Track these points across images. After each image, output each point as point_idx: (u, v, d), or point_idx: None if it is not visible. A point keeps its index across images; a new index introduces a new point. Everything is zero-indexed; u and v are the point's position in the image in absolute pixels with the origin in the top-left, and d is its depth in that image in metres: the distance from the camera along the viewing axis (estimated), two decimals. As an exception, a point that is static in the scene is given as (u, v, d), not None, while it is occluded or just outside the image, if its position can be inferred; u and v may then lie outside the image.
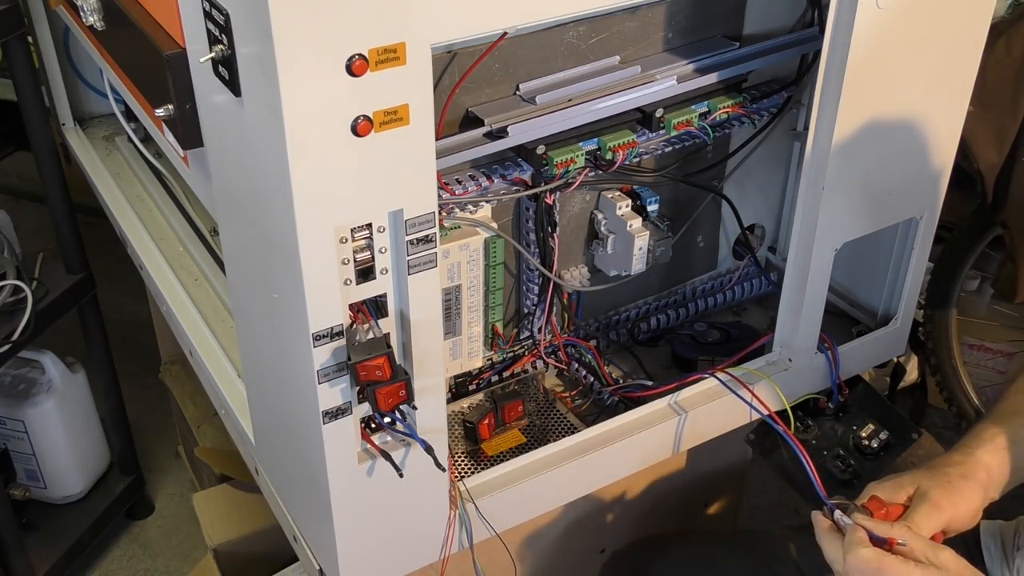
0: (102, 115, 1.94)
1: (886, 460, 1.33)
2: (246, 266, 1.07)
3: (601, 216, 1.26)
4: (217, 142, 1.02)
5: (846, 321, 1.43)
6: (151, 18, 1.08)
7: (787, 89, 1.27)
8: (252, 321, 1.12)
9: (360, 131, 0.84)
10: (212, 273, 1.54)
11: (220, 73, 0.90)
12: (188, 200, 1.67)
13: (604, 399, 1.30)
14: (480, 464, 1.21)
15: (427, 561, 1.13)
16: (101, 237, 2.08)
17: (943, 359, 1.96)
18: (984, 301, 2.05)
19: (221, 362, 1.38)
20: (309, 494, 1.10)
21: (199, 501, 1.75)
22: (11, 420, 1.93)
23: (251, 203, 0.98)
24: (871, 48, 1.08)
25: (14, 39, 1.61)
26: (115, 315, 2.25)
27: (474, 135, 1.08)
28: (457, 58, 1.05)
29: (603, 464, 1.21)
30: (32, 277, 1.78)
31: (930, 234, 1.32)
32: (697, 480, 1.57)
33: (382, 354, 0.93)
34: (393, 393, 0.96)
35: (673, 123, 1.17)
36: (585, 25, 1.12)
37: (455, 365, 1.24)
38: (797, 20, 1.27)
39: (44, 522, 2.02)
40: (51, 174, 1.76)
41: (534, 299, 1.26)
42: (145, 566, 2.10)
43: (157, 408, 2.32)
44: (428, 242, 0.94)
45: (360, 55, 0.81)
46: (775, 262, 1.48)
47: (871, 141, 1.16)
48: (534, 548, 1.40)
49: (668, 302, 1.43)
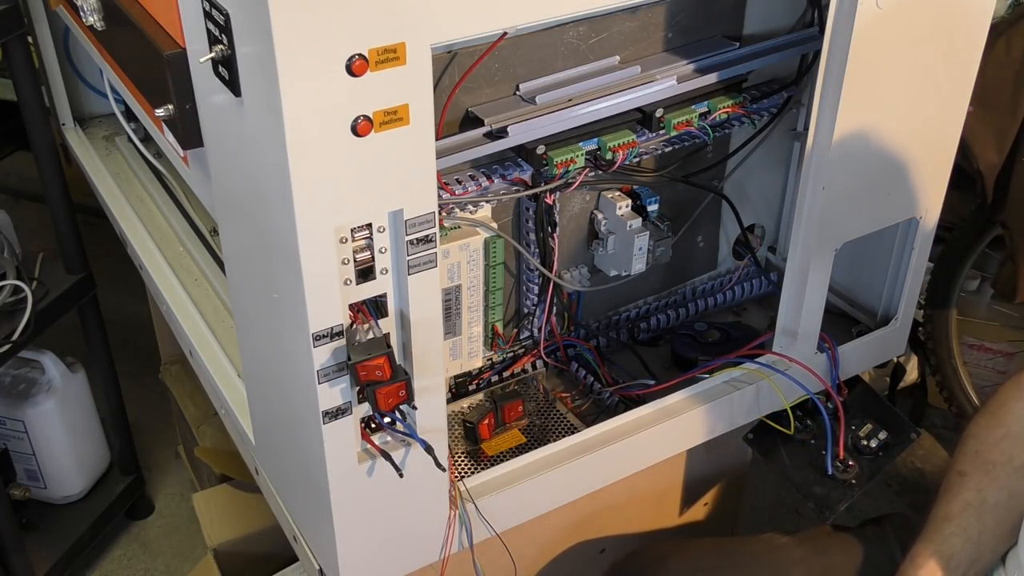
0: (102, 115, 1.94)
1: (886, 460, 1.33)
2: (246, 266, 1.07)
3: (601, 216, 1.26)
4: (217, 142, 1.02)
5: (846, 321, 1.43)
6: (151, 18, 1.08)
7: (787, 89, 1.27)
8: (252, 321, 1.12)
9: (360, 131, 0.84)
10: (212, 273, 1.53)
11: (220, 73, 0.90)
12: (188, 200, 1.67)
13: (604, 399, 1.30)
14: (480, 464, 1.21)
15: (427, 561, 1.13)
16: (101, 237, 2.07)
17: (943, 359, 1.96)
18: (984, 301, 2.05)
19: (221, 362, 1.38)
20: (309, 494, 1.10)
21: (199, 501, 1.75)
22: (11, 420, 1.93)
23: (251, 203, 0.98)
24: (871, 48, 1.08)
25: (14, 39, 1.61)
26: (115, 315, 2.25)
27: (474, 135, 1.08)
28: (457, 58, 1.05)
29: (603, 464, 1.21)
30: (32, 277, 1.78)
31: (930, 234, 1.32)
32: (697, 480, 1.57)
33: (382, 354, 0.93)
34: (393, 393, 0.96)
35: (673, 123, 1.17)
36: (585, 25, 1.12)
37: (455, 365, 1.24)
38: (797, 20, 1.27)
39: (44, 522, 2.02)
40: (51, 174, 1.76)
41: (534, 299, 1.26)
42: (145, 566, 2.10)
43: (157, 408, 2.32)
44: (428, 242, 0.94)
45: (360, 55, 0.81)
46: (775, 262, 1.48)
47: (871, 141, 1.16)
48: (534, 548, 1.40)
49: (668, 302, 1.43)
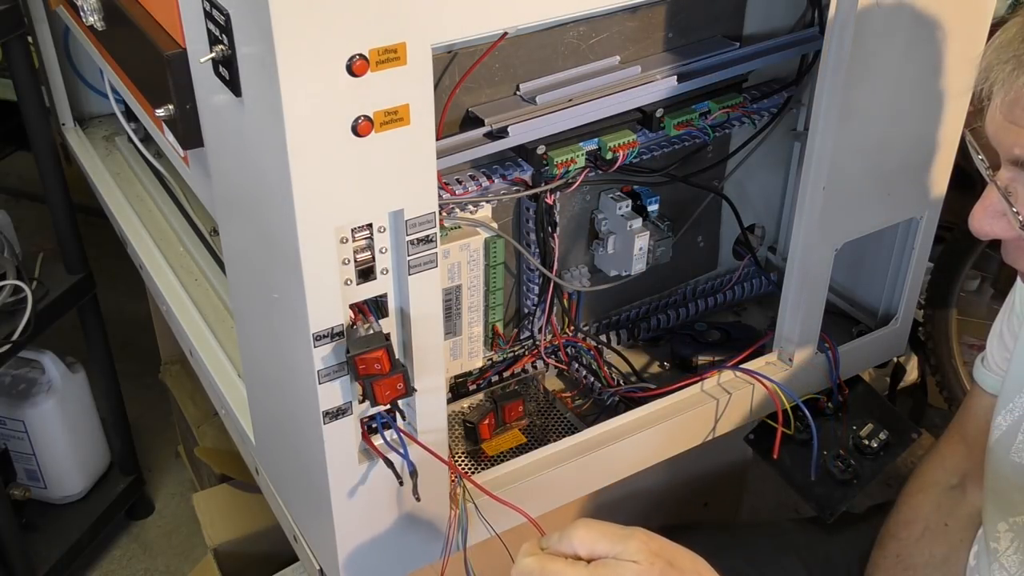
0: (102, 115, 1.94)
1: (886, 460, 1.33)
2: (246, 266, 1.07)
3: (601, 216, 1.26)
4: (217, 142, 1.02)
5: (846, 321, 1.43)
6: (151, 18, 1.08)
7: (787, 89, 1.27)
8: (252, 321, 1.12)
9: (360, 131, 0.84)
10: (212, 273, 1.53)
11: (220, 73, 0.90)
12: (188, 200, 1.67)
13: (604, 399, 1.30)
14: (480, 464, 1.21)
15: (427, 561, 1.13)
16: (101, 237, 2.07)
17: (943, 359, 1.96)
18: (984, 301, 2.05)
19: (221, 362, 1.38)
20: (309, 494, 1.10)
21: (199, 501, 1.75)
22: (11, 420, 1.93)
23: (251, 203, 0.98)
24: (871, 48, 1.08)
25: (14, 39, 1.61)
26: (115, 315, 2.25)
27: (474, 135, 1.08)
28: (457, 58, 1.05)
29: (603, 464, 1.21)
30: (32, 277, 1.78)
31: (930, 234, 1.32)
32: (697, 480, 1.57)
33: (380, 346, 0.93)
34: (390, 386, 0.95)
35: (673, 123, 1.17)
36: (585, 25, 1.12)
37: (455, 365, 1.24)
38: (797, 20, 1.27)
39: (44, 522, 2.02)
40: (51, 174, 1.76)
41: (534, 299, 1.26)
42: (145, 566, 2.10)
43: (157, 408, 2.32)
44: (428, 242, 0.94)
45: (360, 55, 0.81)
46: (775, 262, 1.48)
47: (871, 141, 1.16)
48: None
49: (668, 302, 1.43)
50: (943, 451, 1.23)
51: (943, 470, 1.21)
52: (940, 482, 1.21)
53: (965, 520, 1.17)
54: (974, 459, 1.17)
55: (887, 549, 1.20)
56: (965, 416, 1.22)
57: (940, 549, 1.16)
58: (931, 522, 1.18)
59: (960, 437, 1.22)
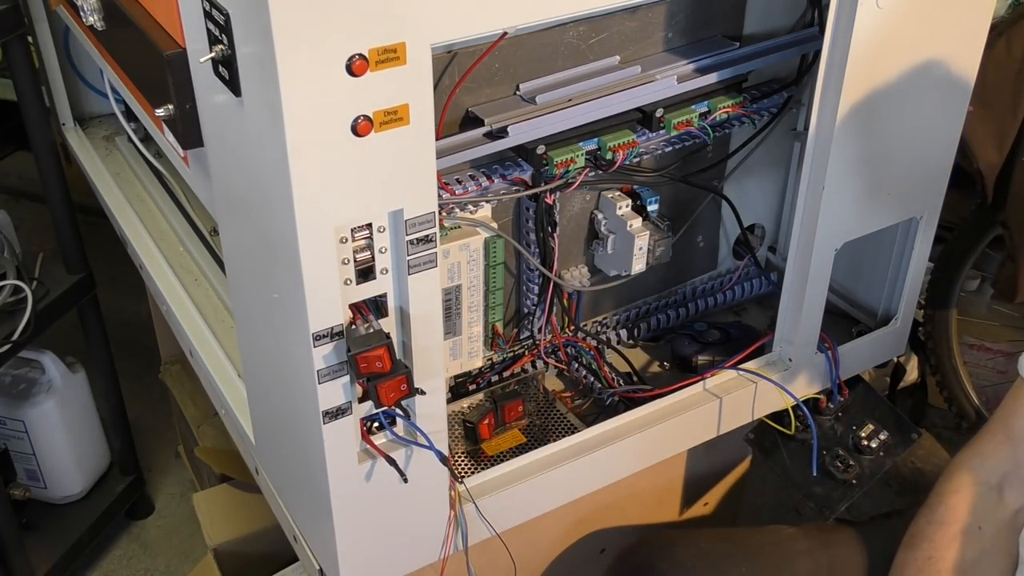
0: (102, 115, 1.94)
1: (886, 460, 1.33)
2: (246, 266, 1.07)
3: (601, 216, 1.26)
4: (217, 142, 1.02)
5: (846, 321, 1.43)
6: (151, 18, 1.08)
7: (787, 89, 1.27)
8: (252, 321, 1.12)
9: (360, 131, 0.84)
10: (212, 273, 1.53)
11: (220, 73, 0.90)
12: (188, 200, 1.67)
13: (604, 399, 1.30)
14: (480, 464, 1.21)
15: (427, 561, 1.13)
16: (101, 237, 2.07)
17: (943, 359, 1.96)
18: (984, 301, 2.05)
19: (221, 362, 1.38)
20: (309, 494, 1.10)
21: (199, 501, 1.75)
22: (11, 420, 1.93)
23: (251, 203, 0.98)
24: (871, 48, 1.08)
25: (14, 39, 1.61)
26: (115, 315, 2.25)
27: (474, 135, 1.08)
28: (457, 58, 1.05)
29: (603, 464, 1.21)
30: (32, 277, 1.78)
31: (930, 234, 1.32)
32: (697, 480, 1.57)
33: (381, 344, 0.93)
34: (395, 387, 0.95)
35: (673, 123, 1.17)
36: (585, 25, 1.12)
37: (455, 365, 1.24)
38: (797, 20, 1.27)
39: (44, 522, 2.02)
40: (51, 174, 1.76)
41: (534, 299, 1.26)
42: (145, 566, 2.10)
43: (157, 408, 2.32)
44: (428, 242, 0.94)
45: (360, 55, 0.81)
46: (775, 262, 1.48)
47: (871, 141, 1.16)
48: (534, 548, 1.40)
49: (668, 302, 1.43)
50: (983, 449, 1.17)
51: (983, 470, 1.15)
52: (978, 482, 1.15)
53: (998, 524, 1.13)
54: (1019, 458, 1.13)
55: (919, 550, 1.14)
56: (1009, 412, 1.15)
57: (971, 553, 1.11)
58: (965, 524, 1.13)
59: (1005, 436, 1.15)
